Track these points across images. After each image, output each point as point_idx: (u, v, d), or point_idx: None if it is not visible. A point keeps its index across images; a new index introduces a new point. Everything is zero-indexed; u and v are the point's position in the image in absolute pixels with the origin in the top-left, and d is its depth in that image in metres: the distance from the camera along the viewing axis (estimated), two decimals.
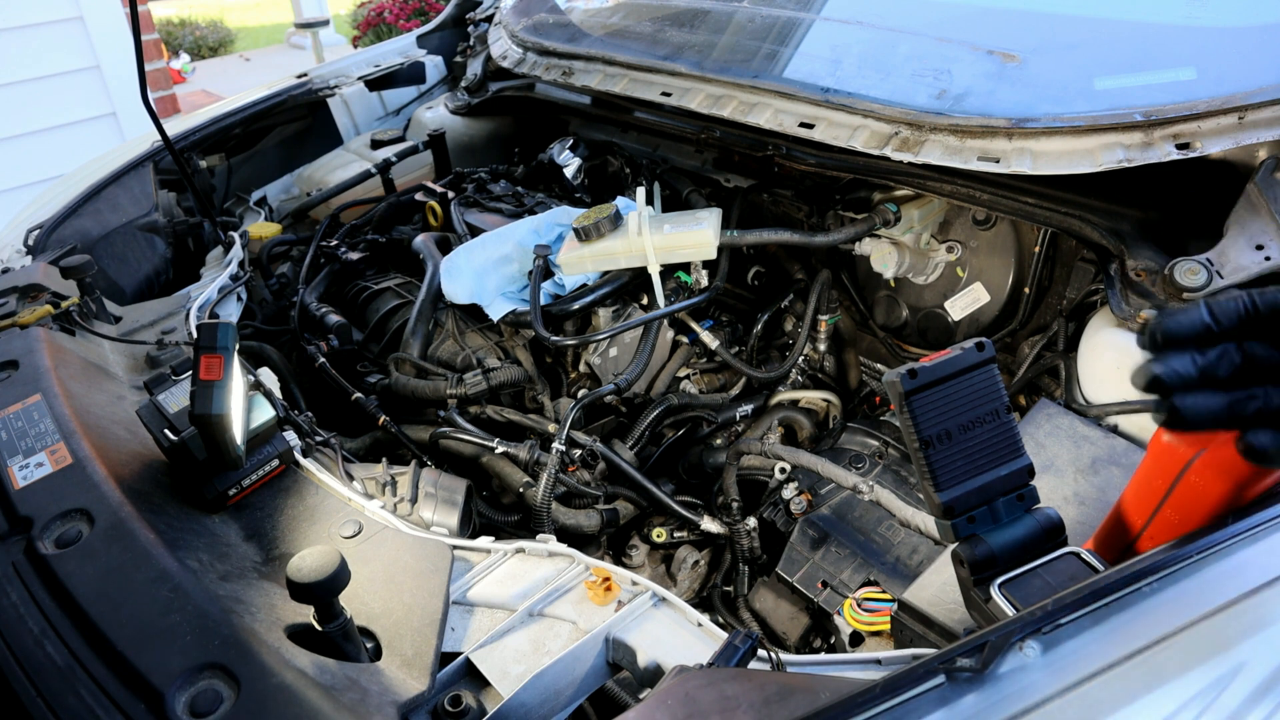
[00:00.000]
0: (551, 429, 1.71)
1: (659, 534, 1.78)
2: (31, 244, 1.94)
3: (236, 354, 1.19)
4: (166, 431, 1.20)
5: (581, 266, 1.81)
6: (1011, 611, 0.88)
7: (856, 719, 0.76)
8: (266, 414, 1.27)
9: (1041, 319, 1.83)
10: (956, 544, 0.94)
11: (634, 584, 1.11)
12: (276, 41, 10.98)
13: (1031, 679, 0.80)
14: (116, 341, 1.63)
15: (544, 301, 1.79)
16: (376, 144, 2.62)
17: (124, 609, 0.99)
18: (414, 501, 1.33)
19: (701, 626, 1.04)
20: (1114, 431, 1.27)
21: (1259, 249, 1.35)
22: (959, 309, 1.93)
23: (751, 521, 1.73)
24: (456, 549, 1.19)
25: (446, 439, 1.71)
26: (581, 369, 1.89)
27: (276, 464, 1.29)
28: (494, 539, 1.23)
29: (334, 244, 2.21)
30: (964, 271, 1.92)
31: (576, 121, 2.60)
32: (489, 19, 2.88)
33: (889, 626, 1.17)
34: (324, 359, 1.85)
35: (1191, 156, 1.37)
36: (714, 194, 2.17)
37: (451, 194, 2.25)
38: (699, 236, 1.76)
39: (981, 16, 1.92)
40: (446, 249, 1.97)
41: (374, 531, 1.19)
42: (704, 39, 2.13)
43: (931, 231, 1.91)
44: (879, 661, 0.95)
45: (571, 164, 2.33)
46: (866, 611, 1.28)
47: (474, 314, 1.90)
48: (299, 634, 1.00)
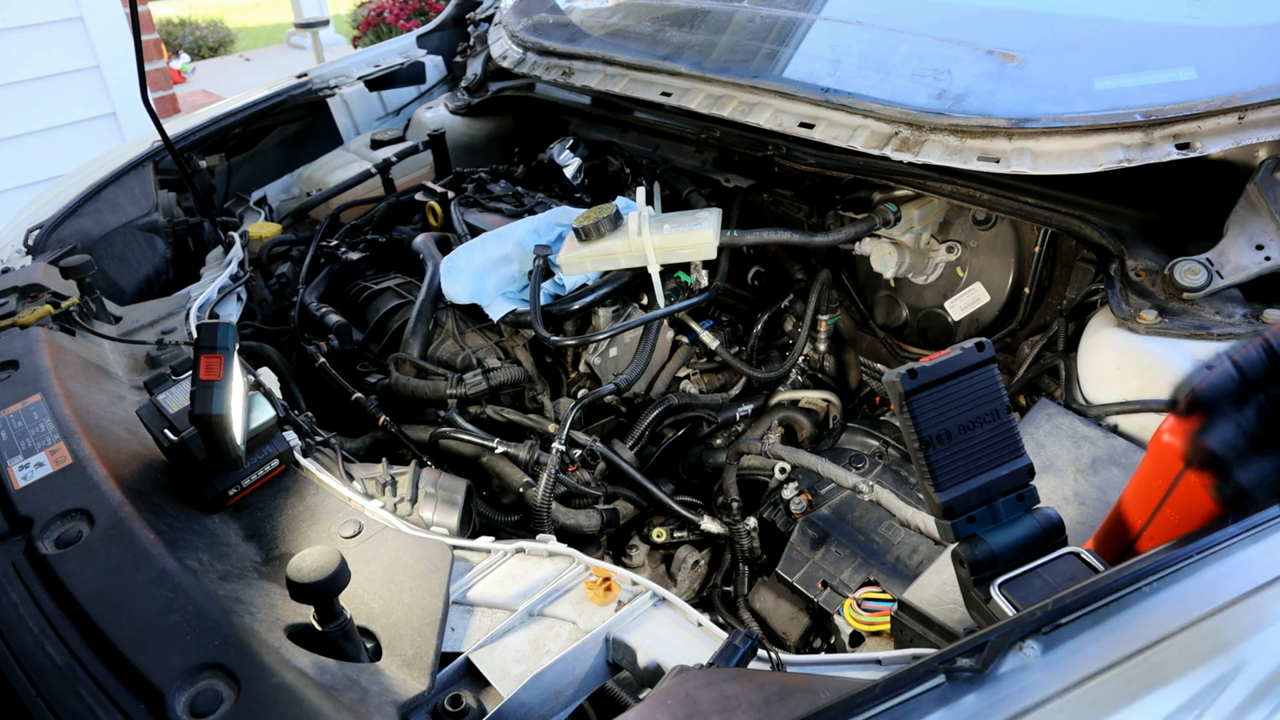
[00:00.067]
0: (551, 429, 1.71)
1: (659, 534, 1.78)
2: (31, 244, 1.94)
3: (236, 354, 1.19)
4: (166, 431, 1.20)
5: (581, 266, 1.81)
6: (1011, 611, 0.88)
7: (856, 719, 0.76)
8: (266, 414, 1.27)
9: (1041, 319, 1.83)
10: (956, 544, 0.94)
11: (634, 584, 1.11)
12: (276, 41, 10.98)
13: (1031, 679, 0.80)
14: (116, 341, 1.63)
15: (544, 301, 1.79)
16: (376, 144, 2.62)
17: (124, 609, 0.99)
18: (414, 501, 1.33)
19: (701, 626, 1.04)
20: (1114, 431, 1.27)
21: (1259, 249, 1.35)
22: (959, 309, 1.93)
23: (751, 521, 1.73)
24: (456, 549, 1.19)
25: (446, 439, 1.71)
26: (581, 369, 1.89)
27: (276, 464, 1.29)
28: (494, 539, 1.23)
29: (334, 244, 2.21)
30: (964, 271, 1.92)
31: (576, 121, 2.59)
32: (489, 19, 2.88)
33: (889, 626, 1.17)
34: (324, 359, 1.85)
35: (1191, 156, 1.37)
36: (714, 194, 2.17)
37: (451, 194, 2.25)
38: (699, 236, 1.76)
39: (981, 16, 1.92)
40: (446, 249, 1.97)
41: (374, 531, 1.19)
42: (704, 39, 2.13)
43: (931, 231, 1.91)
44: (879, 661, 0.95)
45: (571, 164, 2.33)
46: (866, 611, 1.28)
47: (474, 314, 1.90)
48: (299, 634, 1.00)
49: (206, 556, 1.10)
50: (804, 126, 1.73)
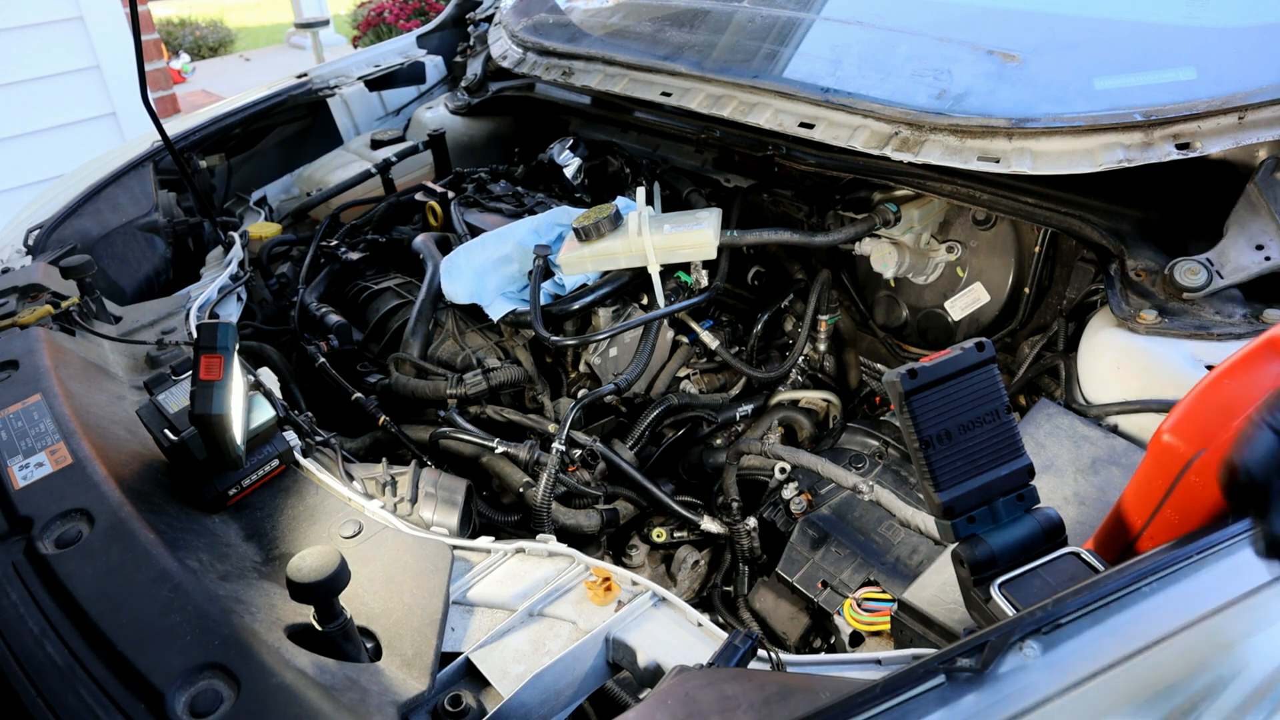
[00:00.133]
0: (551, 429, 1.71)
1: (659, 534, 1.78)
2: (31, 244, 1.94)
3: (236, 354, 1.19)
4: (166, 431, 1.20)
5: (581, 266, 1.81)
6: (1011, 611, 0.88)
7: (856, 719, 0.76)
8: (266, 414, 1.27)
9: (1041, 319, 1.83)
10: (956, 544, 0.94)
11: (634, 584, 1.11)
12: (276, 41, 10.98)
13: (1031, 679, 0.80)
14: (116, 341, 1.63)
15: (544, 301, 1.79)
16: (376, 144, 2.62)
17: (124, 609, 0.99)
18: (414, 501, 1.33)
19: (701, 626, 1.04)
20: (1114, 431, 1.27)
21: (1259, 249, 1.35)
22: (959, 309, 1.93)
23: (751, 521, 1.73)
24: (456, 549, 1.19)
25: (446, 439, 1.71)
26: (581, 369, 1.89)
27: (276, 464, 1.29)
28: (494, 539, 1.23)
29: (334, 244, 2.21)
30: (964, 271, 1.92)
31: (576, 121, 2.59)
32: (489, 19, 2.88)
33: (889, 626, 1.17)
34: (324, 359, 1.85)
35: (1191, 156, 1.37)
36: (714, 194, 2.17)
37: (451, 194, 2.25)
38: (699, 236, 1.76)
39: (981, 16, 1.92)
40: (446, 249, 1.97)
41: (374, 531, 1.19)
42: (704, 39, 2.13)
43: (931, 231, 1.91)
44: (879, 661, 0.95)
45: (571, 164, 2.33)
46: (866, 611, 1.27)
47: (474, 314, 1.90)
48: (299, 634, 1.00)
49: (206, 556, 1.10)
50: (804, 126, 1.73)
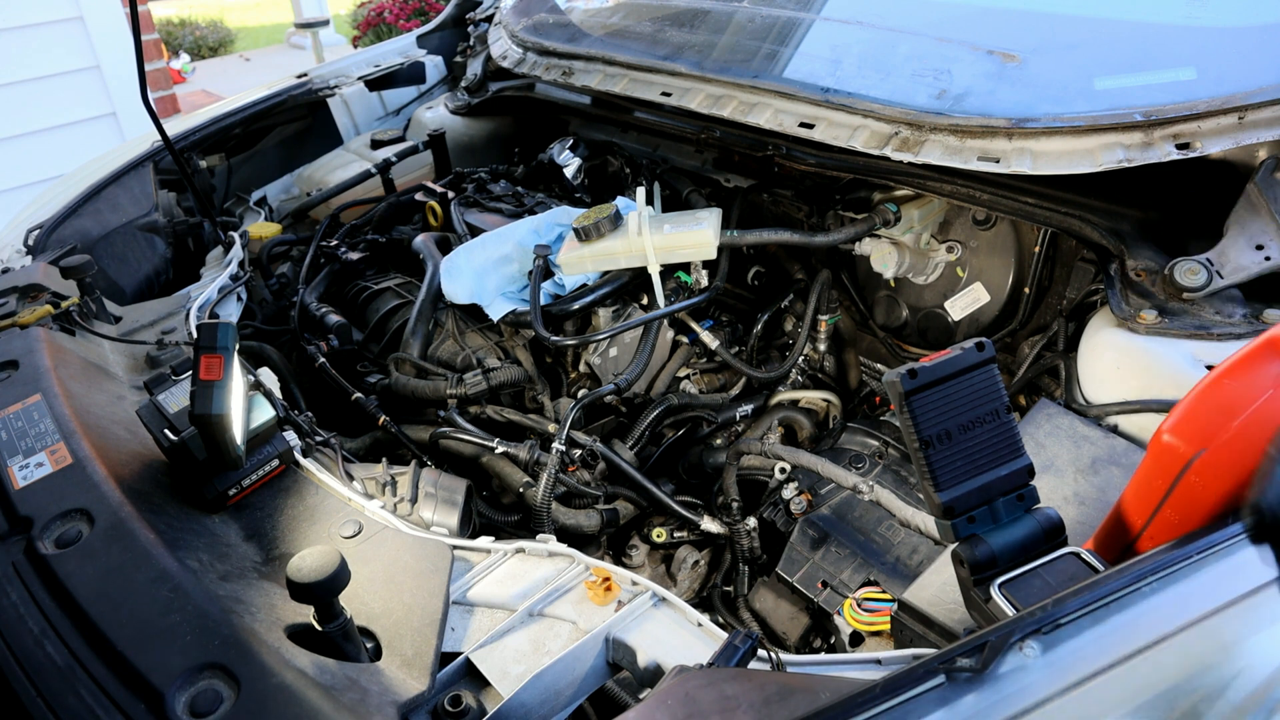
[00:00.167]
0: (551, 429, 1.71)
1: (659, 534, 1.78)
2: (31, 244, 1.94)
3: (236, 354, 1.19)
4: (166, 431, 1.20)
5: (581, 266, 1.81)
6: (1011, 611, 0.88)
7: (856, 719, 0.76)
8: (266, 414, 1.27)
9: (1041, 319, 1.83)
10: (956, 544, 0.94)
11: (634, 584, 1.11)
12: (276, 41, 10.98)
13: (1031, 679, 0.80)
14: (116, 341, 1.63)
15: (544, 301, 1.79)
16: (376, 144, 2.62)
17: (124, 609, 0.99)
18: (414, 501, 1.33)
19: (701, 626, 1.04)
20: (1114, 431, 1.27)
21: (1259, 249, 1.35)
22: (959, 309, 1.93)
23: (751, 521, 1.73)
24: (456, 549, 1.19)
25: (446, 439, 1.71)
26: (581, 369, 1.89)
27: (276, 464, 1.29)
28: (494, 539, 1.23)
29: (334, 244, 2.21)
30: (964, 271, 1.92)
31: (576, 121, 2.59)
32: (489, 19, 2.88)
33: (889, 626, 1.17)
34: (324, 359, 1.85)
35: (1191, 156, 1.37)
36: (714, 194, 2.17)
37: (451, 194, 2.25)
38: (699, 236, 1.76)
39: (981, 16, 1.92)
40: (446, 249, 1.97)
41: (374, 531, 1.19)
42: (704, 39, 2.13)
43: (931, 231, 1.91)
44: (879, 661, 0.95)
45: (571, 164, 2.33)
46: (866, 611, 1.27)
47: (474, 314, 1.90)
48: (299, 634, 1.00)
49: (206, 556, 1.10)
50: (804, 126, 1.73)
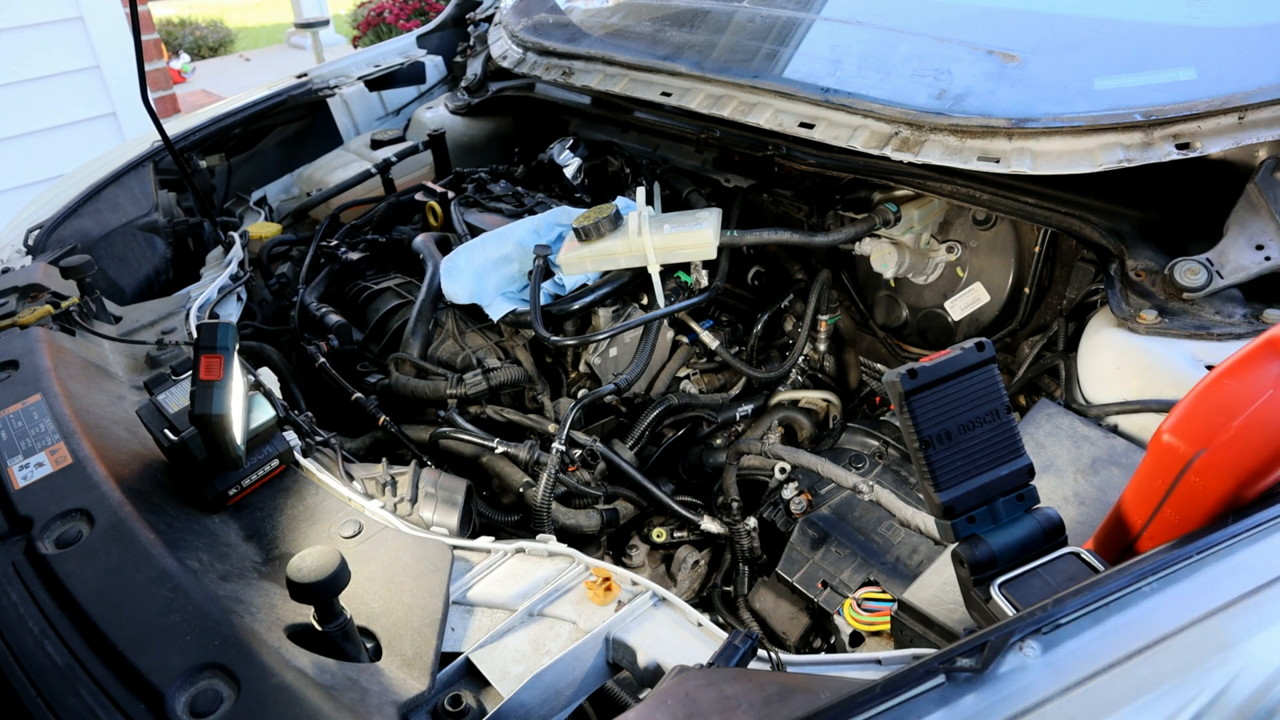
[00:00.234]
0: (551, 429, 1.71)
1: (659, 534, 1.78)
2: (31, 244, 1.94)
3: (236, 354, 1.19)
4: (166, 431, 1.20)
5: (581, 266, 1.81)
6: (1011, 611, 0.88)
7: (856, 719, 0.76)
8: (266, 414, 1.27)
9: (1041, 319, 1.83)
10: (956, 544, 0.94)
11: (634, 584, 1.11)
12: (276, 41, 10.98)
13: (1031, 679, 0.80)
14: (116, 341, 1.63)
15: (544, 301, 1.79)
16: (376, 144, 2.62)
17: (124, 609, 0.99)
18: (414, 501, 1.33)
19: (701, 626, 1.04)
20: (1114, 431, 1.27)
21: (1259, 249, 1.35)
22: (959, 309, 1.93)
23: (751, 521, 1.73)
24: (456, 549, 1.19)
25: (446, 439, 1.71)
26: (581, 369, 1.89)
27: (276, 464, 1.29)
28: (494, 539, 1.23)
29: (334, 244, 2.21)
30: (964, 271, 1.92)
31: (576, 121, 2.59)
32: (489, 19, 2.88)
33: (889, 626, 1.17)
34: (324, 359, 1.85)
35: (1191, 156, 1.37)
36: (714, 194, 2.17)
37: (451, 194, 2.25)
38: (699, 236, 1.76)
39: (981, 16, 1.92)
40: (446, 249, 1.97)
41: (374, 531, 1.18)
42: (704, 39, 2.13)
43: (931, 231, 1.91)
44: (879, 661, 0.95)
45: (571, 164, 2.33)
46: (866, 611, 1.27)
47: (474, 314, 1.90)
48: (299, 634, 1.00)
49: (206, 556, 1.10)
50: (804, 126, 1.73)
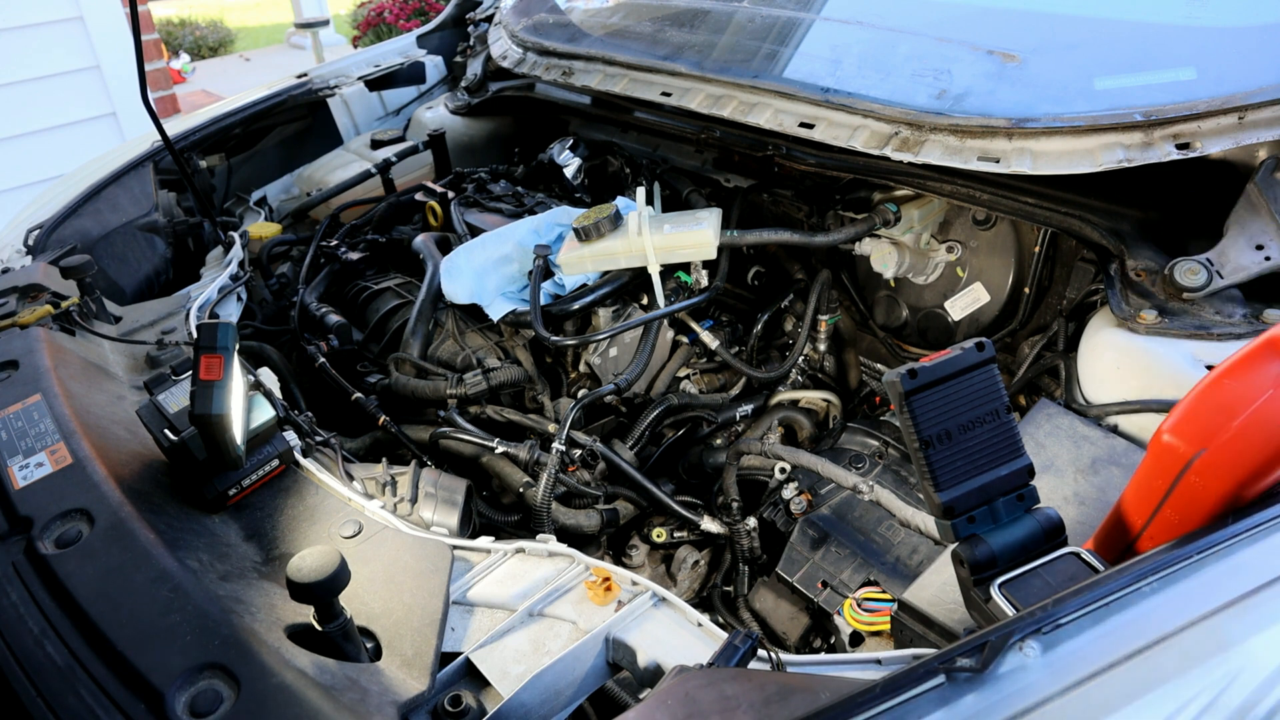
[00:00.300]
0: (551, 429, 1.71)
1: (659, 534, 1.78)
2: (31, 244, 1.94)
3: (236, 354, 1.19)
4: (166, 431, 1.20)
5: (581, 266, 1.81)
6: (1011, 611, 0.88)
7: (856, 719, 0.76)
8: (266, 414, 1.27)
9: (1041, 319, 1.83)
10: (956, 544, 0.94)
11: (634, 584, 1.11)
12: (276, 41, 10.98)
13: (1031, 679, 0.80)
14: (116, 341, 1.63)
15: (544, 301, 1.79)
16: (376, 144, 2.62)
17: (124, 609, 0.99)
18: (414, 501, 1.33)
19: (701, 626, 1.04)
20: (1114, 431, 1.27)
21: (1259, 249, 1.35)
22: (959, 309, 1.93)
23: (751, 521, 1.73)
24: (456, 549, 1.19)
25: (446, 439, 1.71)
26: (581, 369, 1.89)
27: (276, 464, 1.29)
28: (494, 539, 1.23)
29: (334, 244, 2.21)
30: (964, 271, 1.92)
31: (576, 121, 2.59)
32: (489, 19, 2.88)
33: (889, 626, 1.17)
34: (324, 359, 1.85)
35: (1191, 156, 1.37)
36: (714, 194, 2.17)
37: (451, 194, 2.25)
38: (699, 236, 1.76)
39: (981, 16, 1.92)
40: (446, 249, 1.97)
41: (374, 531, 1.18)
42: (704, 39, 2.13)
43: (931, 231, 1.91)
44: (879, 661, 0.95)
45: (571, 164, 2.33)
46: (866, 611, 1.27)
47: (474, 314, 1.90)
48: (299, 634, 1.00)
49: (206, 556, 1.10)
50: (804, 126, 1.73)
